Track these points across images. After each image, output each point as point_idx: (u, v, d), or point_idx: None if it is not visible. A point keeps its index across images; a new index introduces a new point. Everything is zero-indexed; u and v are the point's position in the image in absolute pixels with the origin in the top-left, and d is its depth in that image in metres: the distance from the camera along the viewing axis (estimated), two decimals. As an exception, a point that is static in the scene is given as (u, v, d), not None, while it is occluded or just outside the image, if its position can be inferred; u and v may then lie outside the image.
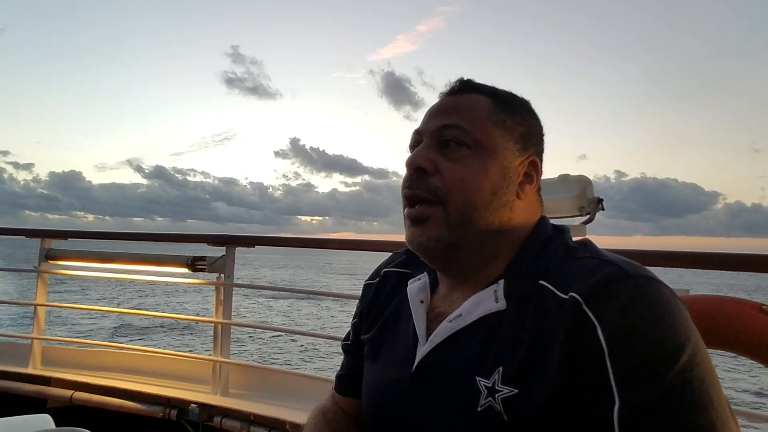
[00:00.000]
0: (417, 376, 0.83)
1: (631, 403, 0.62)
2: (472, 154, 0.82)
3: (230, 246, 2.76)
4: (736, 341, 1.45)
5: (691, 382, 0.62)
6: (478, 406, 0.73)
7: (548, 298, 0.73)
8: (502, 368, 0.72)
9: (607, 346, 0.65)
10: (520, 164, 0.86)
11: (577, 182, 1.91)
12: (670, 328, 0.65)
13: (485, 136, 0.83)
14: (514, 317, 0.75)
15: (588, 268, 0.73)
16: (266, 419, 2.36)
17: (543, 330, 0.71)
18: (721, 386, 0.65)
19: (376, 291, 1.04)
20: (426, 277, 0.95)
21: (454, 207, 0.81)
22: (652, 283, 0.69)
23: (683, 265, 1.74)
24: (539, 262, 0.79)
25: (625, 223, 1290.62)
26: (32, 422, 1.39)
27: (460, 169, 0.82)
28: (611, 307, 0.67)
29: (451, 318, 0.82)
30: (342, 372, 1.08)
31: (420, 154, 0.84)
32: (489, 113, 0.85)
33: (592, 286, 0.69)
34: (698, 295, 1.60)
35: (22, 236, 3.35)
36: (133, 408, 2.59)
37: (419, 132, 0.88)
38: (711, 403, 0.62)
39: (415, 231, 0.84)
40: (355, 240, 2.77)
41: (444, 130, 0.84)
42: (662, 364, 0.63)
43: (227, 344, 2.77)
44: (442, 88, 0.93)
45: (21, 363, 2.98)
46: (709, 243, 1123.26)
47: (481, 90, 0.88)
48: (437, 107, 0.89)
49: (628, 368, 0.64)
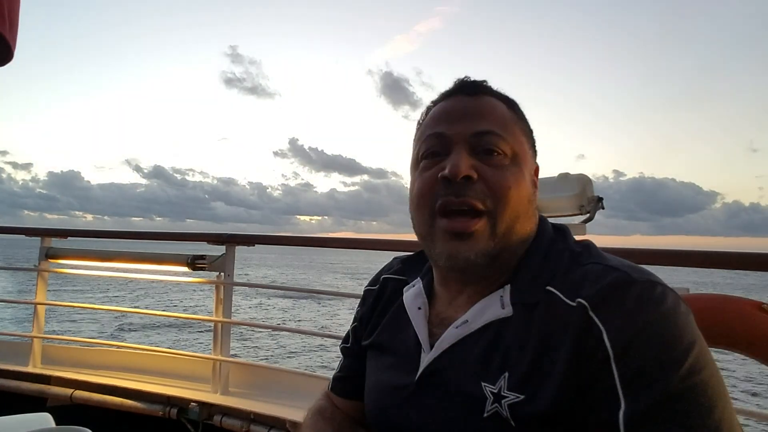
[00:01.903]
0: (422, 382, 0.83)
1: (637, 406, 0.62)
2: (511, 162, 0.81)
3: (230, 245, 2.76)
4: (736, 340, 1.46)
5: (696, 385, 0.62)
6: (484, 412, 0.73)
7: (556, 305, 0.73)
8: (508, 374, 0.73)
9: (612, 351, 0.65)
10: (533, 171, 0.87)
11: (577, 181, 1.91)
12: (675, 333, 0.66)
13: (517, 144, 0.83)
14: (520, 323, 0.76)
15: (594, 274, 0.73)
16: (266, 418, 2.36)
17: (550, 336, 0.71)
18: (726, 389, 0.65)
19: (375, 298, 1.04)
20: (420, 283, 0.94)
21: (503, 217, 0.78)
22: (658, 288, 0.70)
23: (684, 264, 1.73)
24: (545, 268, 0.79)
25: (624, 222, 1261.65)
26: (32, 421, 1.39)
27: (506, 176, 0.79)
28: (617, 313, 0.67)
29: (457, 324, 0.82)
30: (340, 374, 1.08)
31: (463, 161, 0.79)
32: (514, 119, 0.85)
33: (598, 293, 0.70)
34: (698, 294, 1.61)
35: (22, 235, 3.35)
36: (134, 407, 2.59)
37: (444, 135, 0.83)
38: (716, 406, 0.62)
39: (460, 246, 0.78)
40: (355, 239, 2.77)
41: (482, 136, 0.81)
42: (668, 368, 0.63)
43: (227, 343, 2.77)
44: (448, 86, 0.90)
45: (21, 362, 2.99)
46: (707, 242, 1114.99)
47: (493, 93, 0.87)
48: (460, 109, 0.84)
49: (634, 372, 0.64)
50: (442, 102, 0.88)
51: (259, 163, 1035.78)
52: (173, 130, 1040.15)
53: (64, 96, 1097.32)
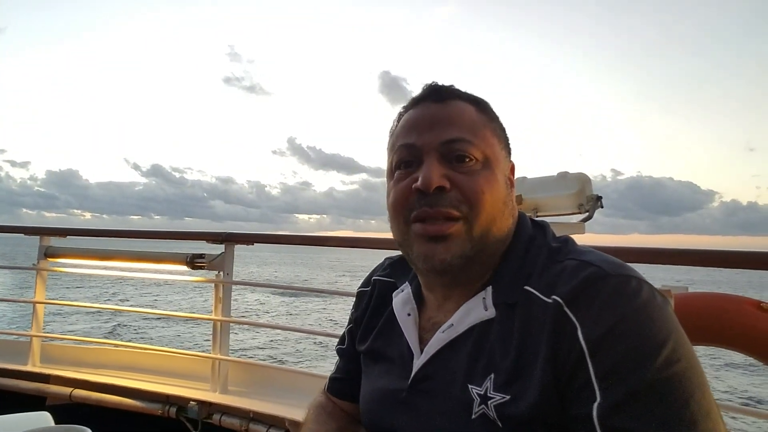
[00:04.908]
0: (413, 387, 0.84)
1: (611, 399, 0.63)
2: (482, 167, 0.81)
3: (229, 243, 2.76)
4: (734, 338, 1.46)
5: (672, 377, 0.63)
6: (472, 413, 0.74)
7: (533, 304, 0.74)
8: (494, 375, 0.74)
9: (587, 346, 0.66)
10: (508, 170, 0.88)
11: (576, 180, 1.91)
12: (650, 326, 0.66)
13: (488, 147, 0.83)
14: (502, 324, 0.77)
15: (569, 270, 0.74)
16: (265, 416, 2.36)
17: (530, 335, 0.72)
18: (706, 381, 0.65)
19: (368, 299, 1.04)
20: (408, 288, 0.95)
21: (478, 221, 0.79)
22: (632, 281, 0.70)
23: (683, 263, 1.74)
24: (523, 267, 0.80)
25: (622, 221, 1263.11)
26: (31, 420, 1.39)
27: (478, 181, 0.80)
28: (591, 308, 0.68)
29: (443, 329, 0.83)
30: (336, 375, 1.09)
31: (435, 171, 0.79)
32: (483, 122, 0.85)
33: (573, 289, 0.70)
34: (697, 293, 1.61)
35: (21, 234, 3.34)
36: (133, 405, 2.60)
37: (414, 146, 0.83)
38: (693, 398, 0.62)
39: (435, 247, 0.79)
40: (354, 238, 2.77)
41: (451, 144, 0.81)
42: (642, 361, 0.63)
43: (226, 342, 2.77)
44: (416, 93, 0.89)
45: (20, 360, 2.98)
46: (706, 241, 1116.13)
47: (462, 96, 0.87)
48: (428, 117, 0.84)
49: (609, 366, 0.64)
50: (411, 110, 0.88)
51: (258, 162, 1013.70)
52: (171, 128, 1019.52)
53: (62, 93, 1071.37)
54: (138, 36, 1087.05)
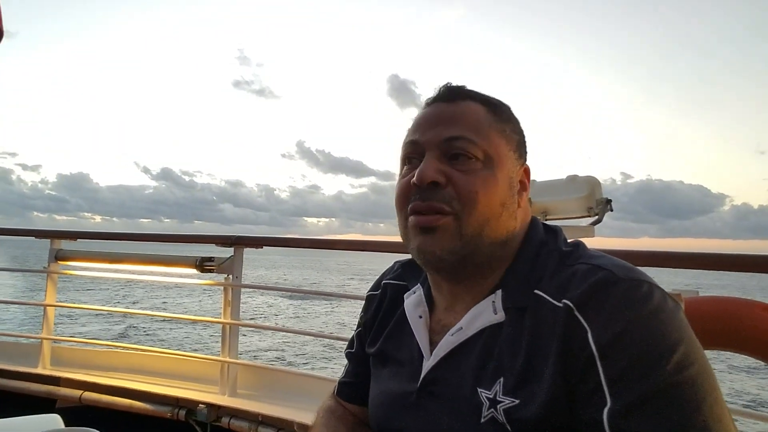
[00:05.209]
0: (422, 390, 0.84)
1: (621, 403, 0.63)
2: (483, 166, 0.81)
3: (238, 247, 2.77)
4: (745, 342, 1.45)
5: (683, 382, 0.62)
6: (481, 417, 0.74)
7: (544, 307, 0.74)
8: (503, 379, 0.74)
9: (597, 351, 0.66)
10: (518, 173, 0.87)
11: (585, 183, 1.91)
12: (661, 330, 0.66)
13: (492, 147, 0.83)
14: (512, 328, 0.76)
15: (580, 274, 0.73)
16: (274, 420, 2.36)
17: (540, 339, 0.72)
18: (718, 386, 0.65)
19: (378, 303, 1.04)
20: (420, 290, 0.95)
21: (469, 219, 0.79)
22: (644, 286, 0.70)
23: (693, 266, 1.73)
24: (533, 271, 0.80)
25: (632, 225, 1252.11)
26: (42, 422, 1.40)
27: (474, 181, 0.80)
28: (601, 312, 0.68)
29: (452, 332, 0.83)
30: (346, 379, 1.09)
31: (430, 167, 0.81)
32: (490, 122, 0.85)
33: (583, 293, 0.70)
34: (708, 297, 1.60)
35: (32, 237, 3.37)
36: (142, 408, 2.61)
37: (418, 142, 0.85)
38: (704, 402, 0.62)
39: (426, 240, 0.81)
40: (363, 241, 2.77)
41: (452, 141, 0.82)
42: (653, 365, 0.63)
43: (235, 344, 2.78)
44: (430, 93, 0.90)
45: (30, 363, 3.00)
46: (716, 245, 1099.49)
47: (474, 97, 0.87)
48: (435, 116, 0.86)
49: (619, 370, 0.64)
50: (423, 110, 0.89)
51: (267, 165, 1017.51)
52: (181, 132, 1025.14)
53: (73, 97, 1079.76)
54: (149, 41, 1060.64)
